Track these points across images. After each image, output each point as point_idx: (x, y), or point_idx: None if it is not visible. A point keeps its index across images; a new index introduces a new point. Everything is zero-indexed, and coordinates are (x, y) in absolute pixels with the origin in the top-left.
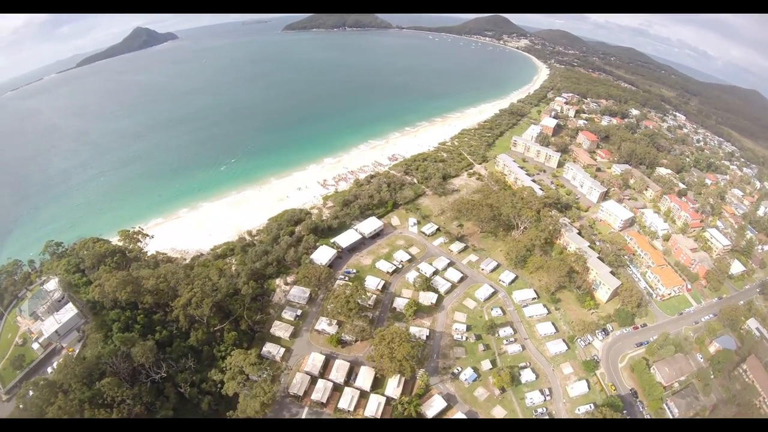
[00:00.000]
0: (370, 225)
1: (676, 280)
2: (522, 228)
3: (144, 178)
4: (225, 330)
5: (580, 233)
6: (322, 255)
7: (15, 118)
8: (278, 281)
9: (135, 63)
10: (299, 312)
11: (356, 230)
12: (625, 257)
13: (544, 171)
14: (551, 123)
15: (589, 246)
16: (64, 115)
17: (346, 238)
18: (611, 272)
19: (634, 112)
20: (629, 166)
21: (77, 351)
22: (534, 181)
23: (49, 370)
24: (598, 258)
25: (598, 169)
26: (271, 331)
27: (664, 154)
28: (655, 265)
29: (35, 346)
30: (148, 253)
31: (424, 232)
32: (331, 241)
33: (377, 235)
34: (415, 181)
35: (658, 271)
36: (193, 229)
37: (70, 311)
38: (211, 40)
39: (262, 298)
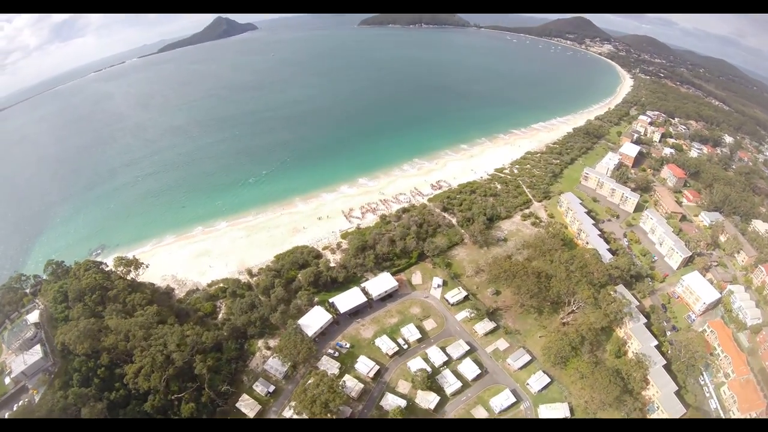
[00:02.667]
0: (381, 284)
1: (755, 403)
2: (574, 308)
3: (178, 187)
4: (183, 400)
5: (648, 318)
6: (314, 320)
7: (89, 101)
8: (260, 343)
9: (209, 53)
10: (272, 388)
11: (363, 289)
12: (700, 364)
13: (617, 216)
14: (632, 151)
15: (656, 345)
16: (131, 104)
17: (346, 300)
18: (677, 392)
19: (728, 139)
20: (720, 216)
21: (41, 393)
22: (602, 234)
23: (15, 407)
24: (664, 367)
25: (683, 218)
26: (237, 405)
27: (761, 199)
28: (735, 375)
29: (7, 380)
30: (144, 281)
31: (447, 300)
32: (329, 301)
33: (389, 296)
34: (454, 222)
35: (737, 387)
36: (199, 255)
37: (36, 354)
38: (287, 32)
39: (237, 362)
